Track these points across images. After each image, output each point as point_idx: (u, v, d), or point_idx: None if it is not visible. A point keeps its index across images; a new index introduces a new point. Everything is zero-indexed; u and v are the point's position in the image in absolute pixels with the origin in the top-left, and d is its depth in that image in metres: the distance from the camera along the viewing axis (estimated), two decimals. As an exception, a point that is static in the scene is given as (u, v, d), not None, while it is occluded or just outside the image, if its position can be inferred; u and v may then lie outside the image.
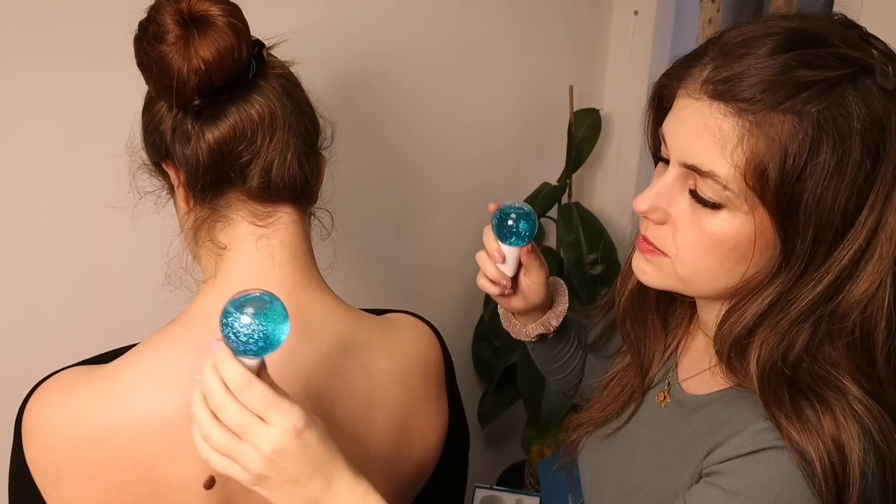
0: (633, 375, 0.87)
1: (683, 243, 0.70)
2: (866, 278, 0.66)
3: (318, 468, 0.64)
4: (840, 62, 0.62)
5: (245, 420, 0.62)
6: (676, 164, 0.69)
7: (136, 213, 0.83)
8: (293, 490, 0.64)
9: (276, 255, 0.77)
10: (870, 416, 0.65)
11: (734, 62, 0.64)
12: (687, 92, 0.67)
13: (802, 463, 0.63)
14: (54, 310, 1.11)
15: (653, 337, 0.86)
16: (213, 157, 0.72)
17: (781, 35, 0.64)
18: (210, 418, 0.63)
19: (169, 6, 0.68)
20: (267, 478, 0.63)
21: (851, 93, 0.62)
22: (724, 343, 0.71)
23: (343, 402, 0.79)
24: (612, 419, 0.87)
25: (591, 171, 1.84)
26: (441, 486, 0.92)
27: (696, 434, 0.74)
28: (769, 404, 0.67)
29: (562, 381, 1.10)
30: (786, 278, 0.67)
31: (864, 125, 0.62)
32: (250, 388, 0.61)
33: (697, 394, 0.78)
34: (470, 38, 1.48)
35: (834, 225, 0.64)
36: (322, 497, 0.65)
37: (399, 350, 0.84)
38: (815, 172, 0.62)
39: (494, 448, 1.93)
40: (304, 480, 0.64)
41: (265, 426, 0.62)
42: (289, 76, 0.77)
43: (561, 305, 1.00)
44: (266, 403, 0.62)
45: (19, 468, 0.74)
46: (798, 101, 0.61)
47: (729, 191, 0.65)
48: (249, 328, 0.61)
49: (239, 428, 0.62)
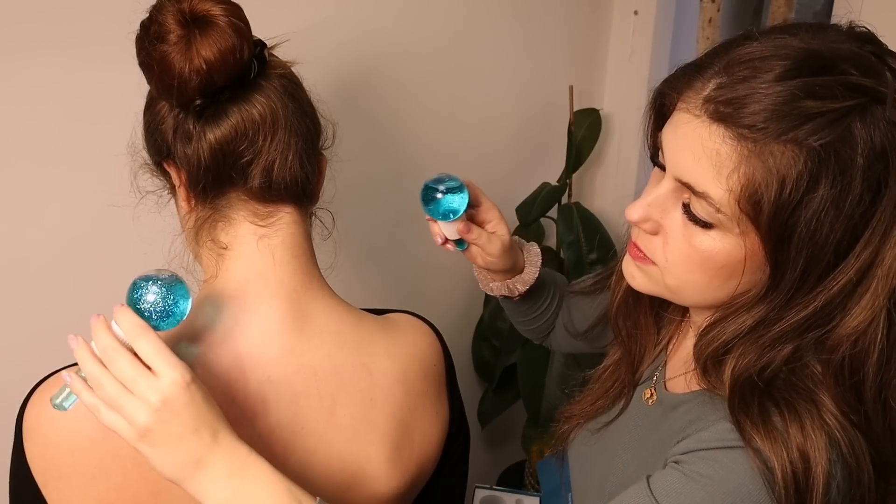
0: (623, 371, 0.87)
1: (673, 256, 0.69)
2: (858, 313, 0.65)
3: (204, 423, 0.65)
4: (849, 92, 0.60)
5: (135, 369, 0.64)
6: (672, 178, 0.68)
7: (137, 212, 0.83)
8: (177, 446, 0.64)
9: (277, 254, 0.77)
10: (840, 430, 0.64)
11: (739, 83, 0.62)
12: (687, 106, 0.65)
13: (764, 470, 0.63)
14: (55, 309, 1.11)
15: (645, 334, 0.86)
16: (214, 156, 0.72)
17: (791, 59, 0.61)
18: (101, 368, 0.65)
19: (171, 6, 0.68)
20: (151, 432, 0.63)
21: (858, 125, 0.60)
22: (702, 353, 0.72)
23: (344, 403, 0.79)
24: (603, 413, 0.87)
25: (591, 171, 1.84)
26: (441, 487, 0.92)
27: (670, 431, 0.75)
28: (735, 410, 0.66)
29: (529, 332, 1.13)
30: (771, 304, 0.67)
31: (868, 160, 0.60)
32: (145, 336, 0.64)
33: (677, 392, 0.78)
34: (470, 38, 1.48)
35: (826, 258, 0.63)
36: (204, 455, 0.65)
37: (400, 350, 0.84)
38: (812, 206, 0.61)
39: (494, 448, 1.93)
40: (188, 435, 0.64)
41: (154, 377, 0.64)
42: (290, 76, 0.77)
43: (529, 274, 1.01)
44: (157, 352, 0.64)
45: (20, 467, 0.74)
46: (801, 132, 0.59)
47: (722, 213, 0.64)
48: (155, 299, 0.67)
49: (129, 378, 0.64)
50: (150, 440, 0.64)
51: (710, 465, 0.65)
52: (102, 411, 0.65)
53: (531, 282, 1.01)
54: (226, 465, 0.65)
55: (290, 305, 0.77)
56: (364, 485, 0.81)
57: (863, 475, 0.64)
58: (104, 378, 0.64)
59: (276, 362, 0.76)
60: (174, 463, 0.65)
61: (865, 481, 0.64)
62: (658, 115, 0.73)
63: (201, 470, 0.65)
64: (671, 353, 0.85)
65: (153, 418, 0.63)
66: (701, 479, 0.65)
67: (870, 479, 0.65)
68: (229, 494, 0.65)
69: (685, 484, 0.66)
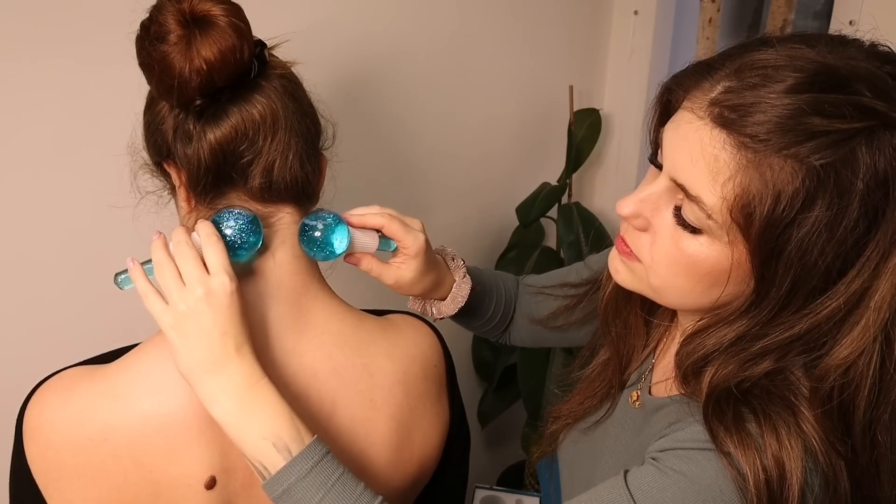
0: (611, 371, 0.86)
1: (659, 256, 0.68)
2: (849, 344, 0.63)
3: (231, 331, 0.70)
4: (859, 114, 0.58)
5: (195, 263, 0.70)
6: (667, 177, 0.66)
7: (137, 213, 0.83)
8: (202, 341, 0.69)
9: (277, 255, 0.77)
10: (818, 438, 0.63)
11: (747, 90, 0.60)
12: (692, 106, 0.63)
13: (737, 476, 0.62)
14: (55, 309, 1.11)
15: (634, 334, 0.85)
16: (214, 156, 0.72)
17: (804, 72, 0.59)
18: (168, 257, 0.71)
19: (171, 6, 0.68)
20: (186, 319, 0.69)
21: (863, 149, 0.58)
22: (682, 363, 0.71)
23: (344, 403, 0.79)
24: (591, 413, 0.87)
25: (591, 171, 1.84)
26: (442, 487, 0.92)
27: (651, 434, 0.74)
28: (709, 416, 0.65)
29: (482, 334, 1.10)
30: (753, 319, 0.66)
31: (868, 186, 0.58)
32: (216, 244, 0.71)
33: (660, 396, 0.78)
34: (470, 38, 1.48)
35: (814, 280, 0.62)
36: (223, 360, 0.69)
37: (400, 351, 0.84)
38: (805, 225, 0.59)
39: (494, 448, 1.93)
40: (216, 335, 0.69)
41: (207, 275, 0.70)
42: (290, 76, 0.77)
43: (447, 308, 0.96)
44: (218, 258, 0.71)
45: (20, 468, 0.74)
46: (803, 149, 0.58)
47: (712, 220, 0.62)
48: (234, 228, 0.74)
49: (187, 269, 0.70)
50: (182, 328, 0.69)
51: (684, 462, 0.65)
52: (150, 297, 0.71)
53: (452, 311, 0.97)
54: (239, 377, 0.69)
55: (290, 306, 0.77)
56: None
57: (840, 485, 0.63)
58: (166, 263, 0.71)
59: (277, 363, 0.76)
60: (195, 359, 0.69)
61: (842, 491, 0.63)
62: (663, 111, 0.71)
63: (216, 374, 0.69)
64: (659, 357, 0.84)
65: (193, 306, 0.69)
66: (674, 475, 0.65)
67: (846, 490, 0.64)
68: (235, 406, 0.68)
69: (658, 478, 0.65)
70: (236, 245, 0.73)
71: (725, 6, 1.63)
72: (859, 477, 0.64)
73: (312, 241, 0.78)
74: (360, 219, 0.85)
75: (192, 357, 0.69)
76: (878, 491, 0.66)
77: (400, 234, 0.86)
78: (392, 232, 0.86)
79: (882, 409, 0.65)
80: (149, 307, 0.71)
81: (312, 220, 0.79)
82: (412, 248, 0.87)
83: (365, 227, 0.85)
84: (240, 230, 0.73)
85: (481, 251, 1.68)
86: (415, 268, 0.88)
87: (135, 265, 0.73)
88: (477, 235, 1.67)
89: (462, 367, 1.74)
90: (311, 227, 0.78)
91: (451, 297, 0.96)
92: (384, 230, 0.86)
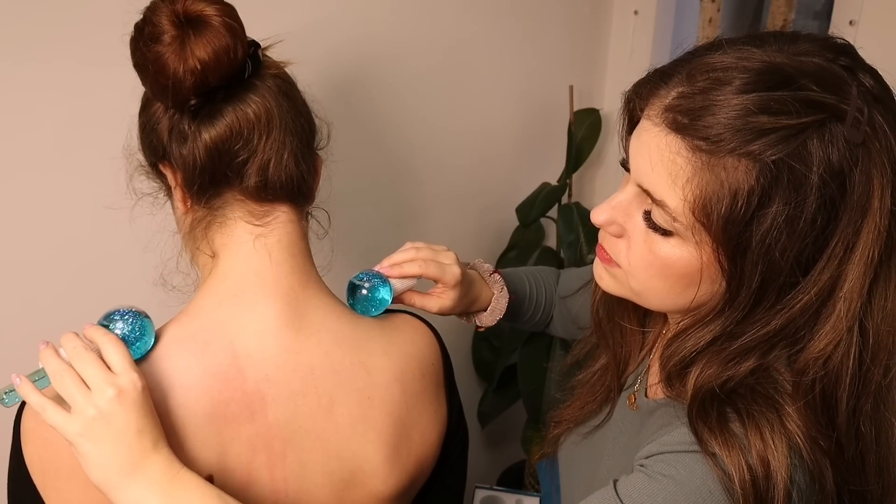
0: (610, 375, 0.87)
1: (635, 261, 0.70)
2: (824, 336, 0.64)
3: (146, 428, 0.67)
4: (806, 108, 0.59)
5: (98, 365, 0.68)
6: (635, 183, 0.68)
7: (133, 214, 0.83)
8: (118, 444, 0.66)
9: (273, 254, 0.77)
10: (802, 435, 0.63)
11: (698, 94, 0.61)
12: (650, 113, 0.65)
13: (723, 476, 0.63)
14: (53, 311, 1.11)
15: (629, 337, 0.86)
16: (209, 156, 0.73)
17: (751, 72, 0.60)
18: (64, 364, 0.68)
19: (165, 7, 0.69)
20: (97, 424, 0.66)
21: (815, 142, 0.59)
22: (665, 365, 0.72)
23: (342, 401, 0.79)
24: (591, 417, 0.88)
25: (591, 171, 1.84)
26: (440, 486, 0.92)
27: (645, 436, 0.75)
28: (694, 417, 0.66)
29: (528, 329, 1.14)
30: (728, 318, 0.66)
31: (823, 179, 0.59)
32: (113, 341, 0.69)
33: (654, 398, 0.79)
34: (470, 38, 1.48)
35: (782, 275, 0.62)
36: (141, 460, 0.66)
37: (397, 349, 0.84)
38: (765, 221, 0.60)
39: (494, 448, 1.93)
40: (131, 436, 0.66)
41: (113, 374, 0.68)
42: (284, 76, 0.77)
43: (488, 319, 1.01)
44: (121, 356, 0.69)
45: (18, 468, 0.74)
46: (754, 147, 0.59)
47: (678, 222, 0.64)
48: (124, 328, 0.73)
49: (90, 373, 0.67)
50: (93, 434, 0.66)
51: (672, 466, 0.66)
52: (48, 409, 0.67)
53: (491, 324, 1.02)
54: (160, 473, 0.67)
55: (287, 304, 0.77)
56: (362, 483, 0.81)
57: (826, 481, 0.64)
58: (66, 370, 0.68)
59: (274, 361, 0.76)
60: (113, 464, 0.66)
61: (829, 487, 0.64)
62: (630, 119, 0.73)
63: (136, 475, 0.66)
64: (653, 359, 0.85)
65: (105, 409, 0.66)
66: (663, 480, 0.65)
67: (832, 486, 0.64)
68: (162, 501, 0.66)
69: (648, 484, 0.66)
70: (130, 342, 0.72)
71: (725, 6, 1.63)
72: (845, 471, 0.65)
73: (366, 309, 0.85)
74: (399, 270, 0.91)
75: (109, 462, 0.66)
76: (863, 484, 0.67)
77: (437, 275, 0.93)
78: (430, 276, 0.92)
79: (864, 400, 0.66)
80: (49, 420, 0.67)
81: (358, 292, 0.85)
82: (450, 282, 0.94)
83: (404, 278, 0.91)
84: (132, 327, 0.72)
85: (481, 251, 1.68)
86: (454, 297, 0.95)
87: (22, 381, 0.69)
88: (477, 235, 1.67)
89: (462, 367, 1.74)
90: (358, 300, 0.85)
91: (490, 311, 1.02)
92: (423, 277, 0.92)
